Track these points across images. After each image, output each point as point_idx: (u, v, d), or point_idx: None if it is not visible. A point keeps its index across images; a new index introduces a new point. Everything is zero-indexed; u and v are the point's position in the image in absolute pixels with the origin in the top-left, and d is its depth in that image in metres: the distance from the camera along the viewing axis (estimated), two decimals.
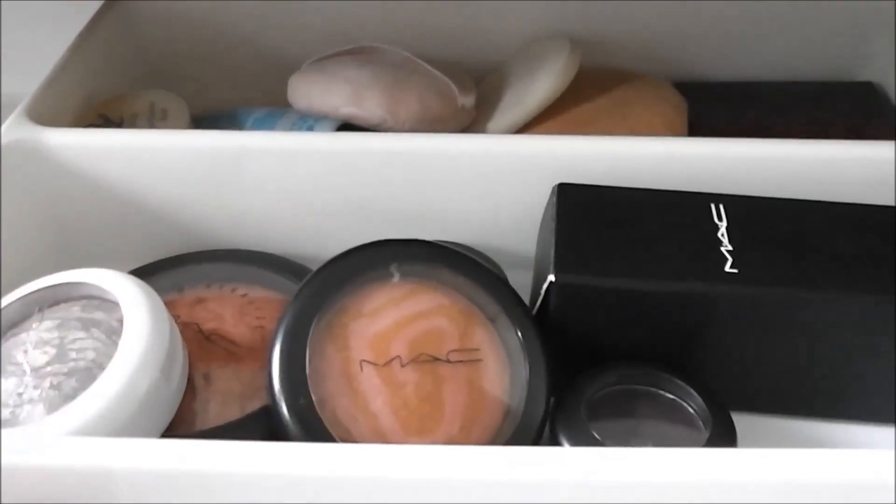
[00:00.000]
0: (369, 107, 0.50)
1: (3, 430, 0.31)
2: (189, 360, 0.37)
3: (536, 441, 0.36)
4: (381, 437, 0.34)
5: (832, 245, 0.39)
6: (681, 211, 0.40)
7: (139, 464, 0.29)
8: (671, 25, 0.60)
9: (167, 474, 0.29)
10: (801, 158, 0.44)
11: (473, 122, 0.55)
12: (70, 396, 0.33)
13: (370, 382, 0.35)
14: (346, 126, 0.51)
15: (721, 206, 0.40)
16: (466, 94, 0.53)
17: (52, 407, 0.33)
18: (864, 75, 0.62)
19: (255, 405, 0.37)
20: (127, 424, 0.33)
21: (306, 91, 0.52)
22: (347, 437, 0.34)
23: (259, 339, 0.40)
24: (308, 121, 0.51)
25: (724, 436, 0.36)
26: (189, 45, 0.61)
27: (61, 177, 0.45)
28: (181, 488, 0.29)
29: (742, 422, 0.37)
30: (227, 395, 0.38)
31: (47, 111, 0.47)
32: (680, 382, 0.37)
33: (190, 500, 0.29)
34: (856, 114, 0.58)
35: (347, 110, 0.50)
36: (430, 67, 0.53)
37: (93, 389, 0.33)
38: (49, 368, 0.34)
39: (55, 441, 0.30)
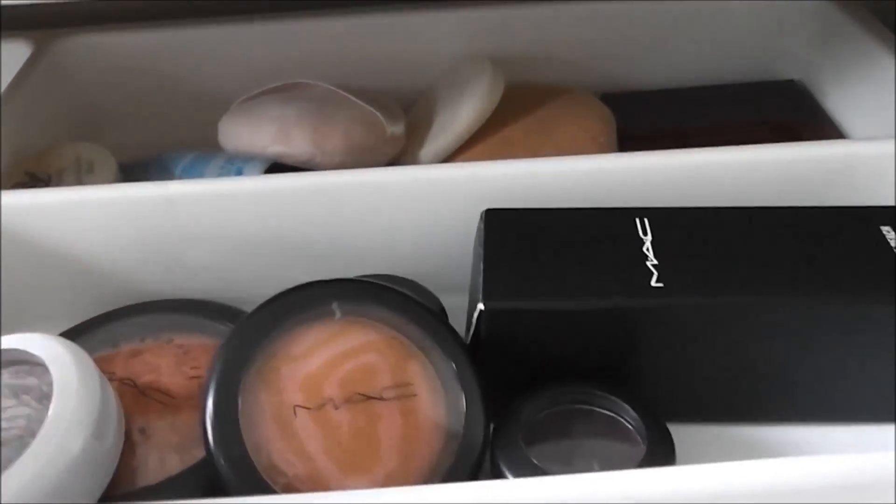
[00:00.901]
0: (296, 144, 0.50)
1: None
2: (125, 416, 0.37)
3: (477, 470, 0.36)
4: (319, 480, 0.34)
5: (756, 250, 0.39)
6: (606, 228, 0.41)
7: None
8: (591, 36, 0.61)
9: None
10: (725, 164, 0.44)
11: (404, 149, 0.55)
12: (2, 466, 0.33)
13: (304, 426, 0.35)
14: (277, 165, 0.51)
15: (646, 220, 0.41)
16: (394, 122, 0.53)
17: None
18: (785, 73, 0.63)
19: (194, 456, 0.37)
20: (62, 489, 0.33)
21: (234, 133, 0.53)
22: (286, 482, 0.34)
23: (196, 387, 0.40)
24: (236, 163, 0.51)
25: (661, 448, 0.36)
26: (117, 90, 0.61)
27: None
28: None
29: (680, 432, 0.37)
30: (165, 449, 0.38)
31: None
32: (614, 398, 0.38)
33: None
34: (782, 112, 0.59)
35: (275, 149, 0.50)
36: (355, 99, 0.53)
37: (25, 456, 0.32)
38: None
39: None
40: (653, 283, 0.38)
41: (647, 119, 0.59)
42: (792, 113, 0.59)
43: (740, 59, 0.62)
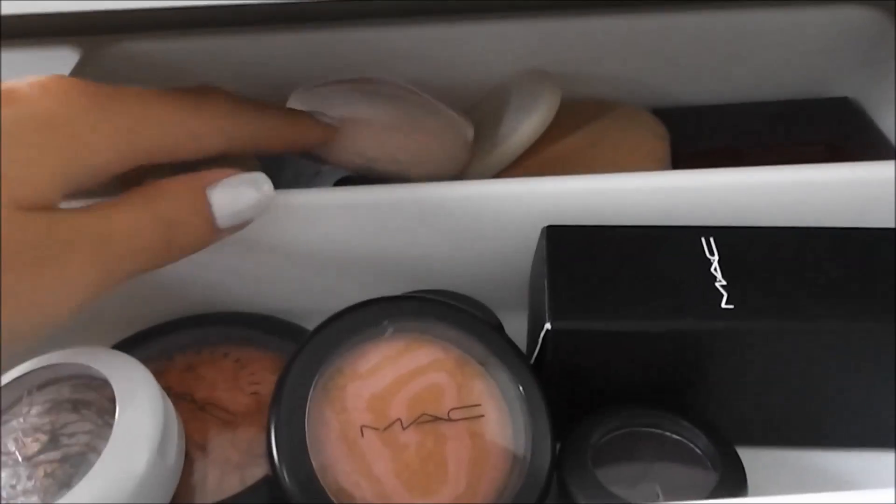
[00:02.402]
0: (390, 152, 0.48)
1: None
2: (185, 432, 0.37)
3: (545, 492, 0.35)
4: (385, 502, 0.33)
5: (826, 272, 0.38)
6: (671, 247, 0.40)
7: None
8: (641, 51, 0.60)
9: None
10: (790, 184, 0.43)
11: None
12: (66, 484, 0.32)
13: (371, 447, 0.34)
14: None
15: (711, 240, 0.40)
16: (469, 126, 0.52)
17: (48, 496, 0.32)
18: (837, 90, 0.62)
19: (254, 473, 0.37)
20: None
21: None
22: None
23: (254, 403, 0.39)
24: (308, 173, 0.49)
25: (733, 475, 0.35)
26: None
27: None
28: None
29: (746, 456, 0.37)
30: (225, 466, 0.37)
31: None
32: (684, 423, 0.37)
33: None
34: (835, 131, 0.58)
35: (371, 154, 0.48)
36: (435, 101, 0.52)
37: (89, 475, 0.32)
38: (42, 456, 0.33)
39: None
40: (723, 305, 0.37)
41: (698, 136, 0.58)
42: (844, 131, 0.58)
43: (792, 76, 0.61)
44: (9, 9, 0.34)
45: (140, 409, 0.33)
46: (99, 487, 0.32)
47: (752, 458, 0.37)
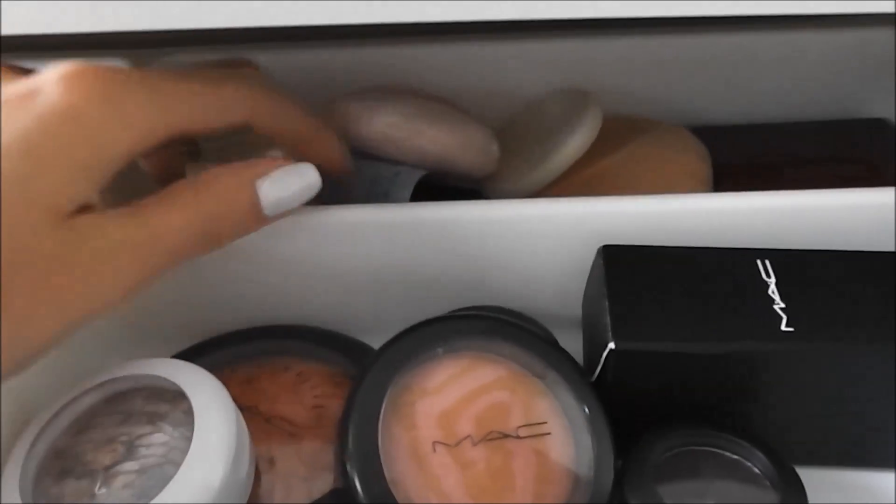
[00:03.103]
0: (416, 123, 0.50)
1: None
2: (254, 445, 0.37)
3: None
4: None
5: (884, 295, 0.39)
6: (728, 268, 0.41)
7: None
8: (677, 69, 0.61)
9: None
10: (844, 207, 0.44)
11: (495, 176, 0.55)
12: (144, 495, 0.33)
13: (441, 462, 0.35)
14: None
15: (768, 262, 0.41)
16: (494, 140, 0.53)
17: None
18: (872, 111, 0.62)
19: (319, 486, 0.37)
20: None
21: (345, 111, 0.51)
22: None
23: (316, 417, 0.40)
24: (383, 184, 0.50)
25: (794, 496, 0.36)
26: None
27: None
28: None
29: (804, 475, 0.37)
30: (291, 479, 0.38)
31: None
32: (744, 442, 0.38)
33: None
34: (872, 151, 0.59)
35: (391, 119, 0.50)
36: (463, 111, 0.53)
37: (169, 488, 0.32)
38: (119, 467, 0.34)
39: None
40: (783, 328, 0.38)
41: (735, 154, 0.59)
42: (881, 151, 0.59)
43: (828, 96, 0.62)
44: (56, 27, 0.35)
45: (216, 422, 0.34)
46: (177, 499, 0.32)
47: (811, 479, 0.37)
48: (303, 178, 0.38)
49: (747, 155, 0.59)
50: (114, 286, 0.32)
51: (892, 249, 0.42)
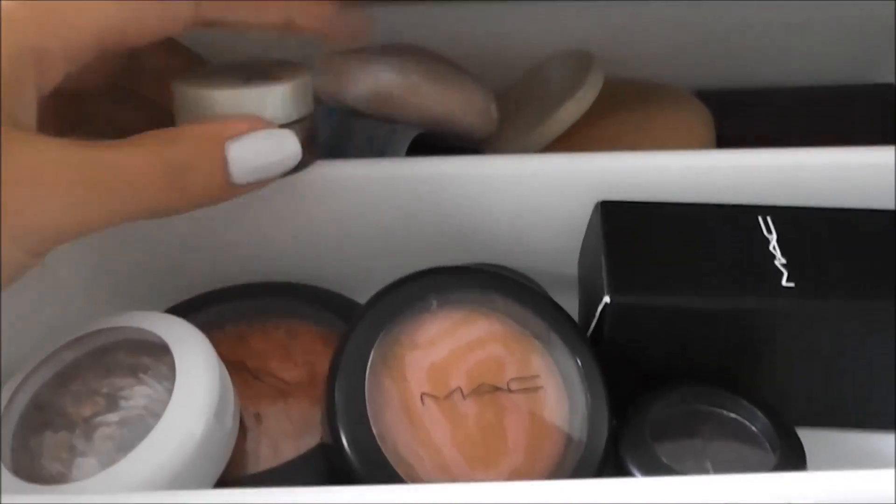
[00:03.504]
0: (413, 78, 0.49)
1: (60, 489, 0.30)
2: (239, 401, 0.36)
3: (602, 468, 0.35)
4: (445, 472, 0.33)
5: (884, 253, 0.38)
6: (729, 225, 0.40)
7: None
8: (687, 33, 0.59)
9: None
10: (842, 165, 0.43)
11: (496, 138, 0.54)
12: (124, 447, 0.32)
13: (431, 415, 0.34)
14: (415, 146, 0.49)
15: (769, 219, 0.40)
16: (492, 99, 0.52)
17: (106, 458, 0.32)
18: (884, 77, 0.61)
19: (307, 443, 0.36)
20: (185, 473, 0.32)
21: (339, 65, 0.50)
22: (411, 473, 0.33)
23: (307, 375, 0.39)
24: (377, 143, 0.49)
25: (792, 456, 0.35)
26: None
27: None
28: None
29: (804, 436, 0.36)
30: (279, 435, 0.37)
31: None
32: (744, 402, 0.37)
33: None
34: (882, 118, 0.58)
35: (389, 75, 0.48)
36: (463, 69, 0.52)
37: (148, 439, 0.31)
38: (100, 418, 0.33)
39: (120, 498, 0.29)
40: (784, 283, 0.37)
41: (742, 119, 0.58)
42: (892, 118, 0.58)
43: (838, 61, 0.61)
44: None
45: (198, 374, 0.33)
46: (158, 451, 0.31)
47: (813, 440, 0.36)
48: (280, 147, 0.35)
49: (752, 120, 0.58)
50: (61, 212, 0.30)
51: (893, 208, 0.40)
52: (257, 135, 0.34)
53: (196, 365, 0.33)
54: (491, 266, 0.42)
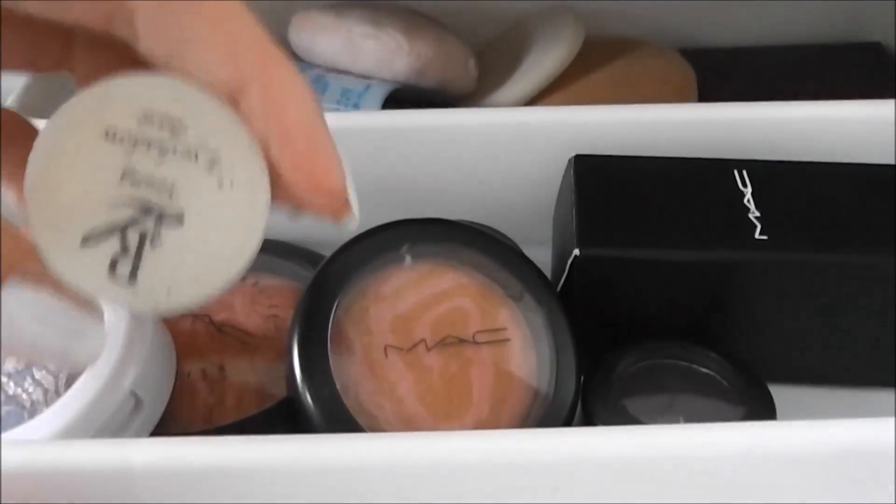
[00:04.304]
0: (388, 32, 0.48)
1: None
2: (203, 353, 0.36)
3: (568, 422, 0.34)
4: (408, 424, 0.33)
5: (861, 207, 0.37)
6: (703, 178, 0.39)
7: (162, 462, 0.28)
8: None
9: (197, 472, 0.28)
10: (820, 119, 0.42)
11: (474, 95, 0.53)
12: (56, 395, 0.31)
13: (395, 368, 0.34)
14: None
15: (745, 172, 0.39)
16: (471, 55, 0.52)
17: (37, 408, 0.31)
18: (869, 35, 0.60)
19: (273, 397, 0.36)
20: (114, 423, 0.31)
21: (314, 20, 0.50)
22: (374, 425, 0.33)
23: (272, 328, 0.38)
24: (353, 98, 0.48)
25: (762, 409, 0.35)
26: None
27: None
28: (209, 487, 0.28)
29: (776, 393, 0.36)
30: (243, 388, 0.36)
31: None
32: (713, 355, 0.36)
33: (217, 500, 0.28)
34: (865, 76, 0.57)
35: (363, 29, 0.48)
36: (440, 24, 0.51)
37: (73, 390, 0.31)
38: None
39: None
40: (757, 236, 0.36)
41: (726, 78, 0.57)
42: (876, 77, 0.57)
43: (822, 19, 0.60)
44: None
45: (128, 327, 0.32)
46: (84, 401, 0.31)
47: (782, 396, 0.36)
48: None
49: (738, 80, 0.58)
50: None
51: (869, 163, 0.40)
52: None
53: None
54: (462, 222, 0.42)
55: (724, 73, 0.57)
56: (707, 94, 0.54)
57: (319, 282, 0.35)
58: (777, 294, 0.37)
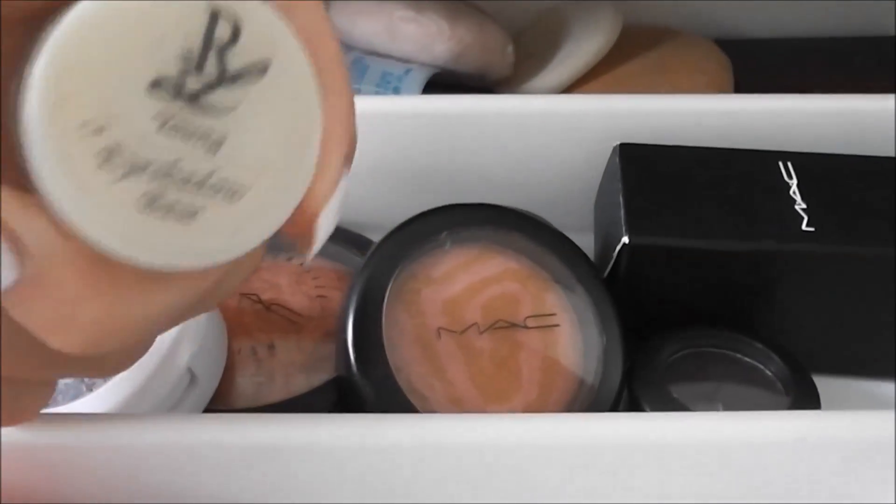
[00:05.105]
0: (429, 15, 0.48)
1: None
2: (253, 331, 0.36)
3: (615, 407, 0.35)
4: (458, 405, 0.33)
5: None
6: (749, 169, 0.39)
7: (223, 438, 0.28)
8: None
9: (256, 448, 0.28)
10: (858, 112, 0.43)
11: (510, 81, 0.53)
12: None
13: (447, 349, 0.34)
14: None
15: (790, 164, 0.39)
16: (509, 40, 0.52)
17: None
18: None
19: (319, 377, 0.36)
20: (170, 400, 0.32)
21: (355, 3, 0.50)
22: (424, 405, 0.33)
23: (318, 308, 0.39)
24: (392, 81, 0.48)
25: (807, 400, 0.35)
26: None
27: None
28: (264, 463, 0.28)
29: (820, 384, 0.36)
30: (291, 367, 0.37)
31: None
32: (759, 345, 0.36)
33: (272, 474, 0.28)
34: (888, 69, 0.57)
35: (405, 13, 0.48)
36: (480, 10, 0.51)
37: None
38: None
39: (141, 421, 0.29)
40: (804, 228, 0.36)
41: (761, 69, 0.57)
42: None
43: (860, 12, 0.60)
44: None
45: None
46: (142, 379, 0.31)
47: (827, 387, 0.36)
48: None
49: (773, 71, 0.58)
50: None
51: None
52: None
53: None
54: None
55: (760, 64, 0.57)
56: (742, 84, 0.54)
57: (372, 265, 0.35)
58: (823, 285, 0.37)
